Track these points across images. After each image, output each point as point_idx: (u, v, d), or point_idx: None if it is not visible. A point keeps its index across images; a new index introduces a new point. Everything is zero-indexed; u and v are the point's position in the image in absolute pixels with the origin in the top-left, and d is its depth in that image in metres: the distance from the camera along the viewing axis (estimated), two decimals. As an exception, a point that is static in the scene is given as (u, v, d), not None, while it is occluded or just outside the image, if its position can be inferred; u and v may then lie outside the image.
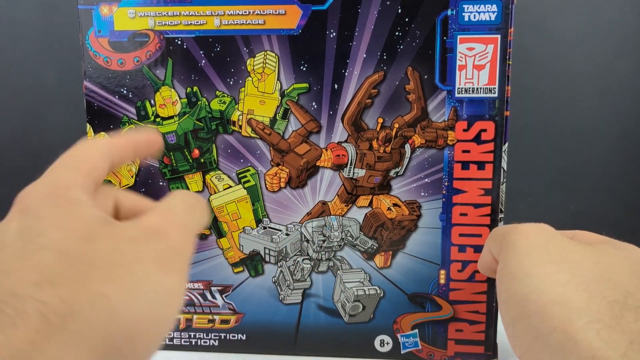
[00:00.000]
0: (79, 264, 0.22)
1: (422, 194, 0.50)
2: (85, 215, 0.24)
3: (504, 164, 0.49)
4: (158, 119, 0.51)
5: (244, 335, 0.54)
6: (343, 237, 0.52)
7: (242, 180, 0.52)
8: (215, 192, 0.52)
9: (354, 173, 0.51)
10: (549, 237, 0.33)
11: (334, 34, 0.48)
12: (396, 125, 0.49)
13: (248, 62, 0.50)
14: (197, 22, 0.49)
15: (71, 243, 0.22)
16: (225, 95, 0.50)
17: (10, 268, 0.21)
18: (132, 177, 0.52)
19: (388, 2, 0.47)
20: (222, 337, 0.55)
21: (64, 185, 0.25)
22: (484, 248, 0.42)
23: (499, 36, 0.47)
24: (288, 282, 0.53)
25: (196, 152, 0.52)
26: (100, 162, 0.28)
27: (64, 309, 0.20)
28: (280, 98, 0.50)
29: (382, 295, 0.52)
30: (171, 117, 0.51)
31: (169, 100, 0.51)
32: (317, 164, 0.51)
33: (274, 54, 0.49)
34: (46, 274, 0.21)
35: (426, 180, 0.50)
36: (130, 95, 0.51)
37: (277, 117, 0.50)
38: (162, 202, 0.28)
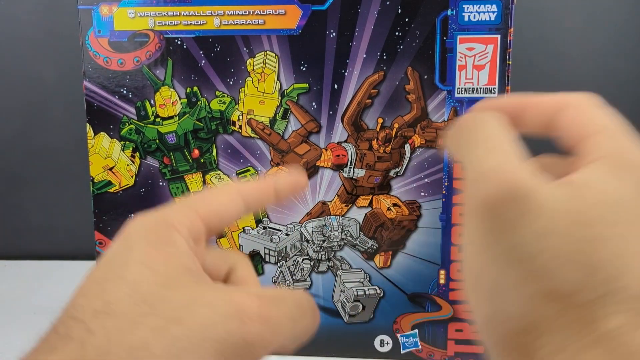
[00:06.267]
0: (144, 307, 0.21)
1: (422, 194, 0.50)
2: (172, 261, 0.22)
3: (504, 164, 0.49)
4: (158, 119, 0.51)
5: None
6: (343, 237, 0.52)
7: (242, 180, 0.52)
8: (215, 192, 0.52)
9: (353, 173, 0.51)
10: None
11: (334, 34, 0.48)
12: (396, 125, 0.49)
13: (248, 62, 0.50)
14: (197, 22, 0.49)
15: (146, 284, 0.21)
16: (225, 95, 0.50)
17: (88, 290, 0.22)
18: (132, 177, 0.52)
19: (388, 2, 0.47)
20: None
21: (168, 224, 0.24)
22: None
23: (498, 36, 0.47)
24: (288, 282, 0.53)
25: (196, 152, 0.52)
26: (226, 207, 0.26)
27: (103, 347, 0.20)
28: (280, 98, 0.50)
29: (382, 295, 0.52)
30: (171, 117, 0.51)
31: (169, 100, 0.51)
32: (317, 164, 0.51)
33: (273, 54, 0.49)
34: (109, 304, 0.21)
35: (426, 180, 0.50)
36: (130, 96, 0.51)
37: (277, 117, 0.50)
38: (273, 289, 0.26)
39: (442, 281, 0.51)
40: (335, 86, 0.49)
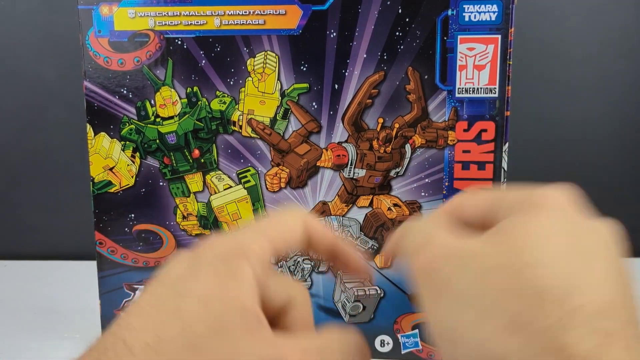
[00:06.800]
0: (192, 353, 0.21)
1: (423, 194, 0.50)
2: (230, 300, 0.23)
3: (504, 164, 0.49)
4: (158, 119, 0.51)
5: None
6: (343, 237, 0.52)
7: (243, 181, 0.52)
8: (215, 192, 0.52)
9: (354, 173, 0.51)
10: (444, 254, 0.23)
11: (334, 34, 0.48)
12: (396, 126, 0.49)
13: (248, 62, 0.50)
14: (197, 22, 0.49)
15: (199, 326, 0.22)
16: (226, 95, 0.50)
17: (144, 312, 0.22)
18: (132, 177, 0.52)
19: (388, 2, 0.47)
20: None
21: (240, 252, 0.24)
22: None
23: (499, 36, 0.47)
24: (288, 282, 0.53)
25: (196, 152, 0.52)
26: (293, 233, 0.27)
27: None
28: (280, 98, 0.50)
29: (382, 295, 0.52)
30: (171, 117, 0.51)
31: (169, 100, 0.51)
32: (318, 164, 0.51)
33: (274, 54, 0.49)
34: (160, 342, 0.21)
35: (426, 180, 0.50)
36: (131, 96, 0.51)
37: (278, 117, 0.50)
38: (320, 337, 0.25)
39: (442, 281, 0.51)
40: (336, 86, 0.49)
